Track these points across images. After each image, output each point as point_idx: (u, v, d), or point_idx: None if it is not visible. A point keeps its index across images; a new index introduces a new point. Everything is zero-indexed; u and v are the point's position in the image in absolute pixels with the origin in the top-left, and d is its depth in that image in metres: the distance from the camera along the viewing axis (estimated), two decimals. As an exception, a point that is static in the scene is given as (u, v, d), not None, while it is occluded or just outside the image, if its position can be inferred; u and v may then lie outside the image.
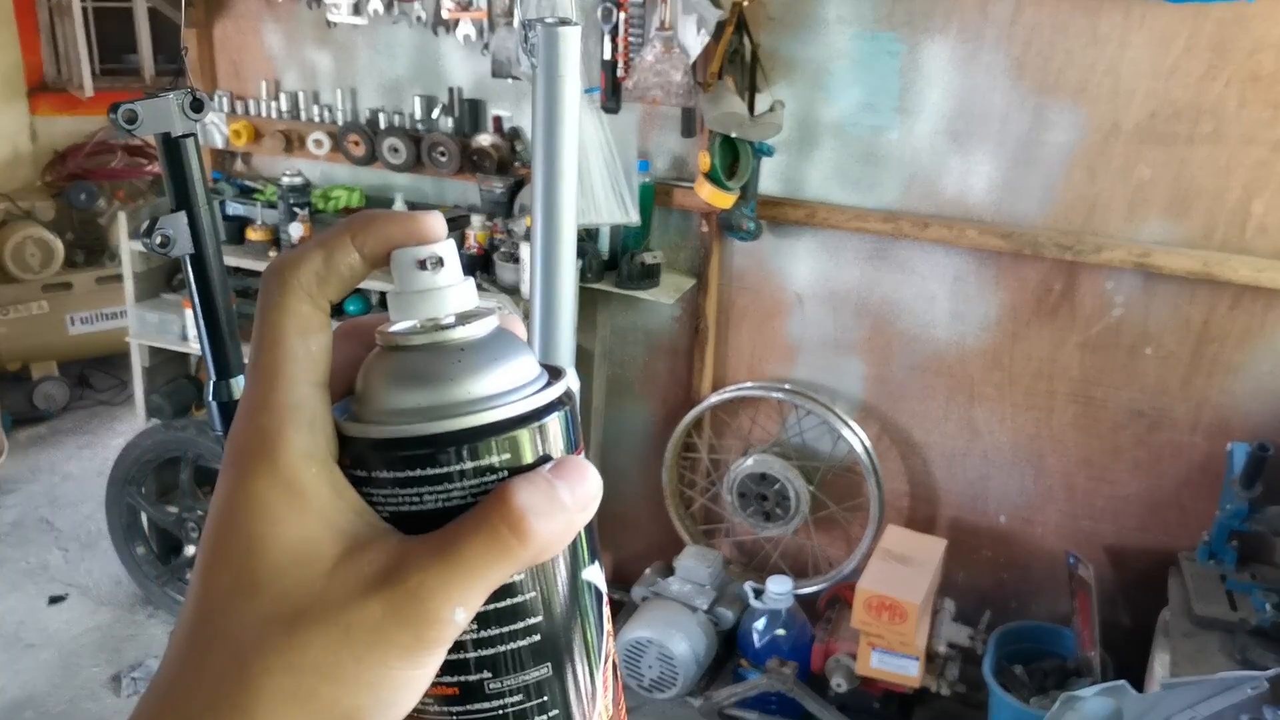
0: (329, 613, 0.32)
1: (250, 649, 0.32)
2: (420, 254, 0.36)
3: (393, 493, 0.35)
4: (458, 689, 0.35)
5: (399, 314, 0.36)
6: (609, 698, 0.39)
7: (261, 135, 3.31)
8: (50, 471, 4.14)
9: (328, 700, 0.32)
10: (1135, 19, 2.41)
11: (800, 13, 2.69)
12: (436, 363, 0.35)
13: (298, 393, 0.34)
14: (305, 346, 0.34)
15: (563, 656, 0.36)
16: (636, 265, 2.84)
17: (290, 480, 0.33)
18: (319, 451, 0.34)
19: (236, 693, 0.32)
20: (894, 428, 2.96)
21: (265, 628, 0.32)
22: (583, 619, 0.37)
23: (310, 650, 0.32)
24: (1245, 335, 2.52)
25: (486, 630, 0.35)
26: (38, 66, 4.93)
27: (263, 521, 0.33)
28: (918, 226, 2.70)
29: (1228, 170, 2.42)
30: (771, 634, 2.81)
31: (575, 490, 0.34)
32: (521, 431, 0.35)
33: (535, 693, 0.36)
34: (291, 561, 0.33)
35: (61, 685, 3.00)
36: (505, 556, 0.33)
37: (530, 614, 0.35)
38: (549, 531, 0.33)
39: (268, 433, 0.33)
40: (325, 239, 0.35)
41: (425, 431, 0.34)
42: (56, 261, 4.46)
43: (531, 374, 0.37)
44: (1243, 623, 2.27)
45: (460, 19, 2.89)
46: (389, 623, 0.32)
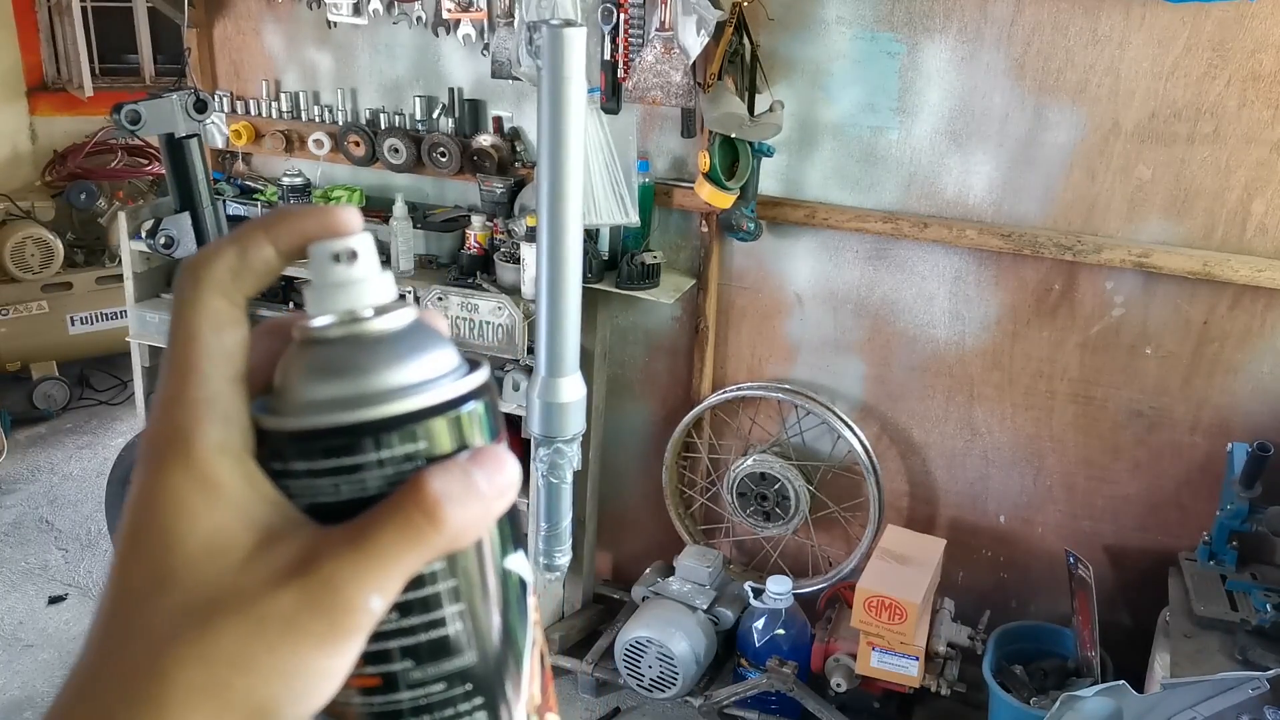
0: (242, 604, 0.32)
1: (163, 641, 0.32)
2: (335, 247, 0.36)
3: (309, 484, 0.35)
4: (380, 679, 0.35)
5: (316, 307, 0.36)
6: (536, 685, 0.39)
7: (262, 135, 3.31)
8: (50, 471, 4.14)
9: (241, 691, 0.31)
10: (1135, 19, 2.41)
11: (800, 13, 2.70)
12: (351, 354, 0.35)
13: (211, 387, 0.34)
14: (219, 342, 0.34)
15: (487, 644, 0.36)
16: (636, 265, 2.84)
17: (204, 474, 0.33)
18: (233, 445, 0.34)
19: (150, 685, 0.31)
20: (894, 428, 2.96)
21: (178, 620, 0.32)
22: (506, 606, 0.37)
23: (223, 641, 0.31)
24: (1245, 335, 2.52)
25: (408, 619, 0.35)
26: (37, 66, 4.92)
27: (177, 515, 0.33)
28: (917, 227, 2.70)
29: (1228, 170, 2.43)
30: (771, 634, 2.81)
31: (492, 477, 0.35)
32: (437, 420, 0.35)
33: (459, 680, 0.36)
34: (205, 554, 0.33)
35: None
36: (420, 543, 0.33)
37: (452, 601, 0.35)
38: (464, 518, 0.33)
39: (181, 427, 0.33)
40: (239, 235, 0.36)
41: (339, 421, 0.34)
42: (56, 261, 4.46)
43: (449, 365, 0.37)
44: (1243, 623, 2.27)
45: (460, 19, 2.89)
46: (303, 612, 0.32)
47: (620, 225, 2.84)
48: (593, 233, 2.89)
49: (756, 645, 2.83)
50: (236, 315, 0.35)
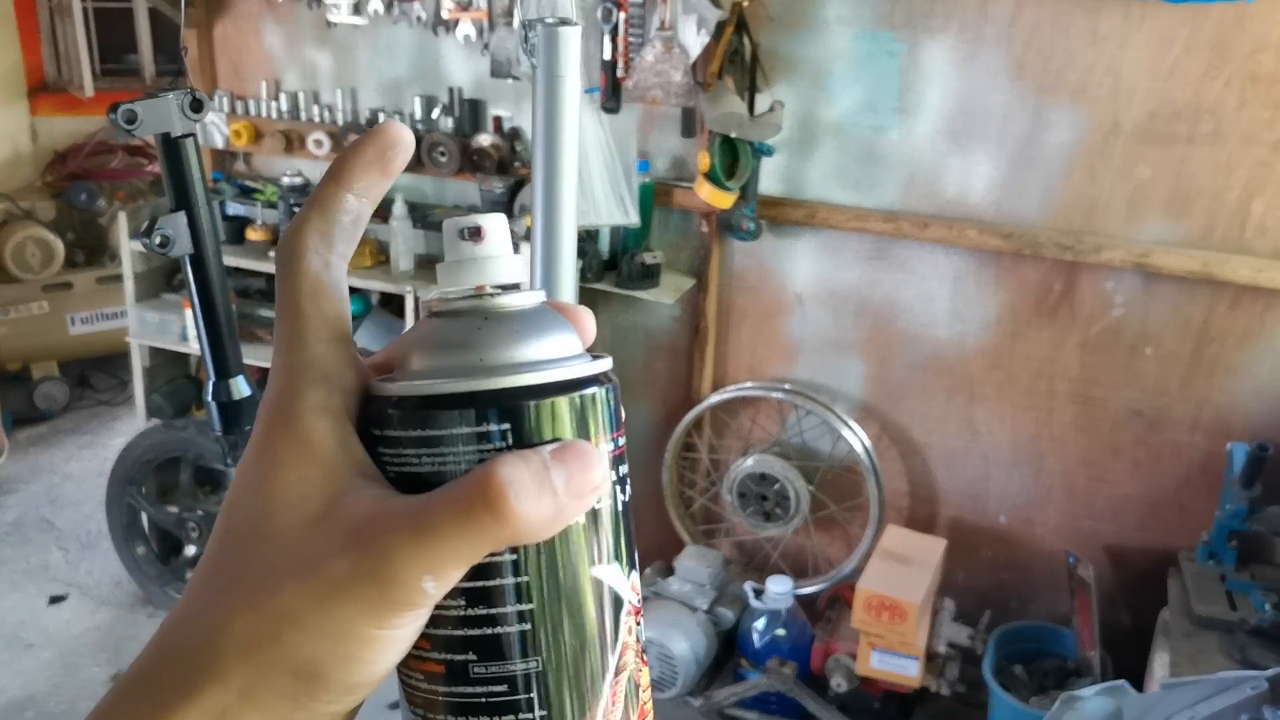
0: (306, 560, 0.33)
1: (234, 588, 0.33)
2: (462, 224, 0.37)
3: (397, 452, 0.34)
4: (443, 667, 0.34)
5: (444, 282, 0.37)
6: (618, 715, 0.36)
7: (262, 135, 3.31)
8: (50, 471, 4.14)
9: (289, 645, 0.32)
10: (1135, 19, 2.41)
11: (800, 13, 2.69)
12: (458, 327, 0.35)
13: (311, 352, 0.35)
14: (317, 309, 0.36)
15: (558, 654, 0.34)
16: (636, 265, 2.84)
17: (300, 433, 0.34)
18: (332, 406, 0.35)
19: (212, 627, 0.33)
20: (894, 428, 2.96)
21: (252, 569, 0.33)
22: (585, 620, 0.35)
23: (282, 595, 0.32)
24: (1245, 335, 2.52)
25: (474, 609, 0.33)
26: (38, 67, 4.93)
27: (271, 468, 0.34)
28: (918, 226, 2.70)
29: (1228, 170, 2.42)
30: (771, 634, 2.81)
31: (572, 477, 0.33)
32: (527, 404, 0.34)
33: (522, 686, 0.34)
34: (282, 511, 0.34)
35: (62, 685, 3.00)
36: (477, 533, 0.32)
37: (518, 600, 0.34)
38: (533, 513, 0.32)
39: (285, 390, 0.35)
40: (316, 195, 0.37)
41: (430, 391, 0.34)
42: (57, 261, 4.46)
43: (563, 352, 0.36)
44: (1242, 622, 2.26)
45: (460, 19, 2.89)
46: (355, 577, 0.32)
47: (620, 225, 2.84)
48: (593, 233, 2.89)
49: (756, 645, 2.83)
50: (332, 278, 0.36)
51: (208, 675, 0.32)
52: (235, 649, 0.32)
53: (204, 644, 0.33)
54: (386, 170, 0.37)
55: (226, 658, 0.32)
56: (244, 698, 0.32)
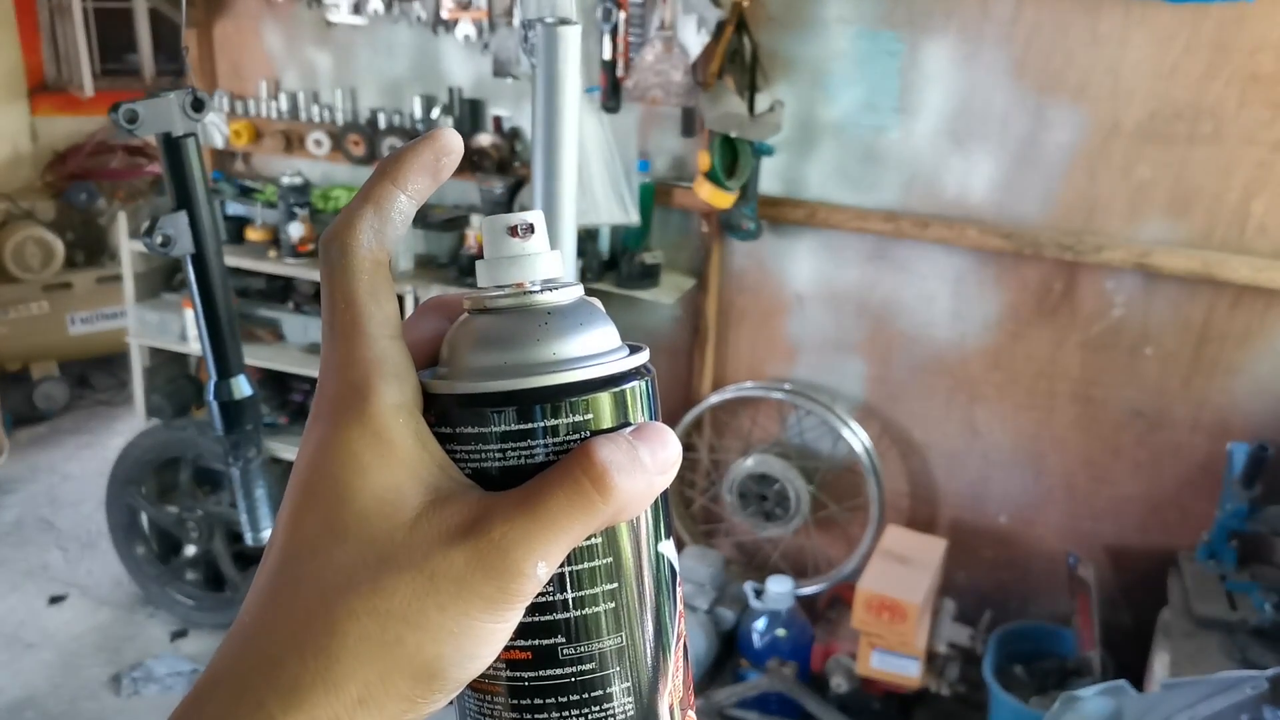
0: (414, 561, 0.32)
1: (336, 592, 0.32)
2: (511, 220, 0.38)
3: (476, 449, 0.35)
4: (531, 653, 0.35)
5: (488, 278, 0.38)
6: (680, 679, 0.38)
7: (261, 135, 3.31)
8: (50, 471, 4.14)
9: (411, 647, 0.32)
10: (1135, 19, 2.41)
11: (800, 12, 2.69)
12: (523, 324, 0.36)
13: (379, 347, 0.35)
14: (377, 304, 0.35)
15: (637, 627, 0.36)
16: (636, 265, 2.84)
17: (379, 431, 0.34)
18: (406, 403, 0.35)
19: (321, 634, 0.32)
20: (894, 428, 2.96)
21: (351, 572, 0.33)
22: (658, 592, 0.37)
23: (396, 596, 0.32)
24: (1245, 335, 2.52)
25: (563, 593, 0.35)
26: (38, 67, 4.92)
27: (352, 469, 0.34)
28: (918, 226, 2.70)
29: (1228, 170, 2.42)
30: (772, 634, 2.81)
31: (656, 452, 0.35)
32: (603, 394, 0.36)
33: (609, 662, 0.36)
34: (378, 509, 0.33)
35: (62, 685, 3.00)
36: (588, 511, 0.33)
37: (607, 579, 0.36)
38: (630, 489, 0.34)
39: (357, 386, 0.34)
40: (369, 192, 0.36)
41: (511, 388, 0.35)
42: (57, 261, 4.46)
43: (614, 343, 0.38)
44: (1243, 622, 2.27)
45: (460, 19, 2.89)
46: (473, 573, 0.32)
47: (620, 225, 2.84)
48: (593, 232, 2.89)
49: (757, 646, 2.83)
50: (387, 274, 0.36)
51: (317, 682, 0.32)
52: (352, 655, 0.32)
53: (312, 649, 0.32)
54: (438, 175, 0.37)
55: (342, 663, 0.32)
56: (359, 704, 0.32)
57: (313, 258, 3.09)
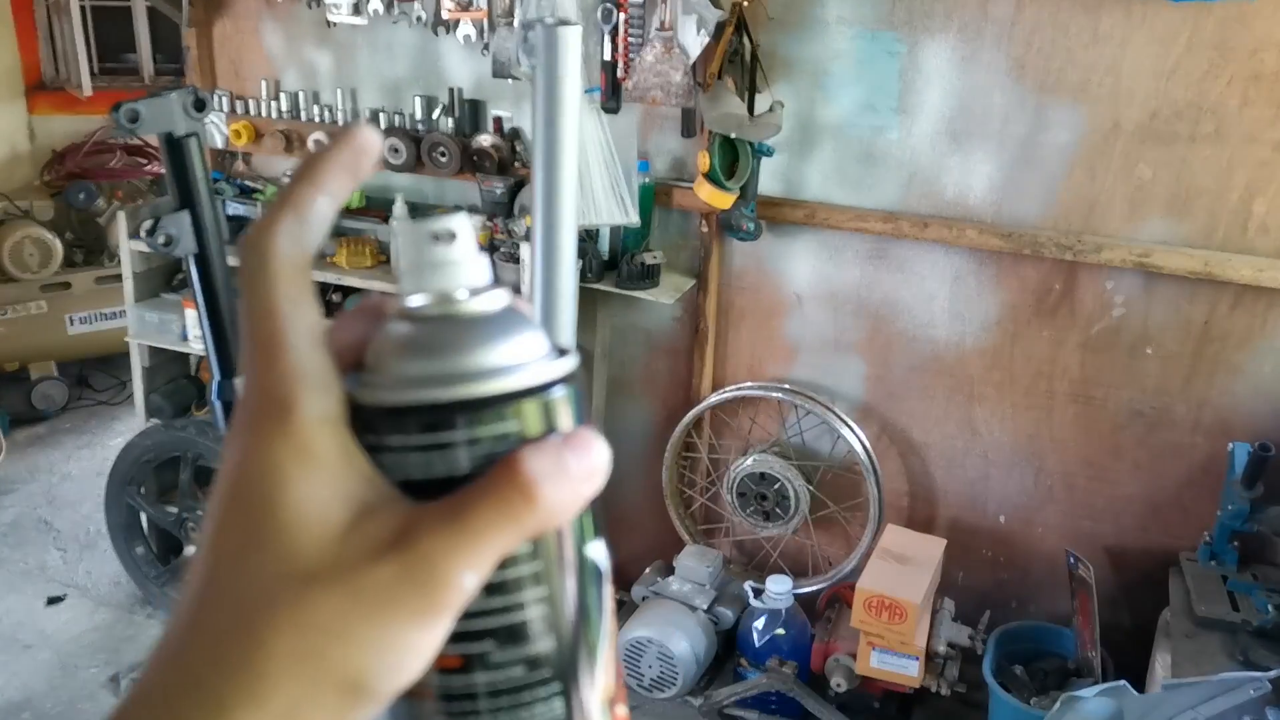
0: (340, 574, 0.32)
1: (258, 607, 0.32)
2: (434, 227, 0.37)
3: (402, 459, 0.35)
4: (461, 659, 0.35)
5: (411, 286, 0.37)
6: (610, 675, 0.39)
7: (261, 135, 3.31)
8: (49, 471, 4.14)
9: (336, 660, 0.32)
10: (1136, 18, 2.40)
11: (800, 13, 2.69)
12: (449, 332, 0.36)
13: (301, 358, 0.34)
14: (298, 312, 0.34)
15: (566, 631, 0.36)
16: (636, 265, 2.83)
17: (302, 443, 0.33)
18: (330, 415, 0.34)
19: (244, 650, 0.32)
20: (894, 428, 2.96)
21: (274, 586, 0.32)
22: (585, 593, 0.37)
23: (320, 610, 0.32)
24: (1246, 335, 2.52)
25: (492, 600, 0.35)
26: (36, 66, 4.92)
27: (275, 483, 0.33)
28: (918, 226, 2.70)
29: (1229, 170, 2.42)
30: (771, 633, 2.81)
31: (583, 459, 0.35)
32: (530, 402, 0.36)
33: (538, 665, 0.36)
34: (302, 523, 0.33)
35: (60, 686, 2.99)
36: (514, 522, 0.33)
37: (535, 585, 0.36)
38: (557, 498, 0.34)
39: (279, 397, 0.33)
40: (287, 196, 0.35)
41: (438, 398, 0.35)
42: (55, 261, 4.46)
43: (540, 350, 0.37)
44: (1244, 623, 2.26)
45: (460, 19, 2.89)
46: (400, 586, 0.32)
47: (620, 225, 2.83)
48: (593, 233, 2.89)
49: (756, 645, 2.83)
50: (307, 280, 0.35)
51: (242, 697, 0.31)
52: (277, 669, 0.31)
53: (236, 665, 0.32)
54: (357, 174, 0.36)
55: (267, 678, 0.31)
56: (286, 718, 0.32)
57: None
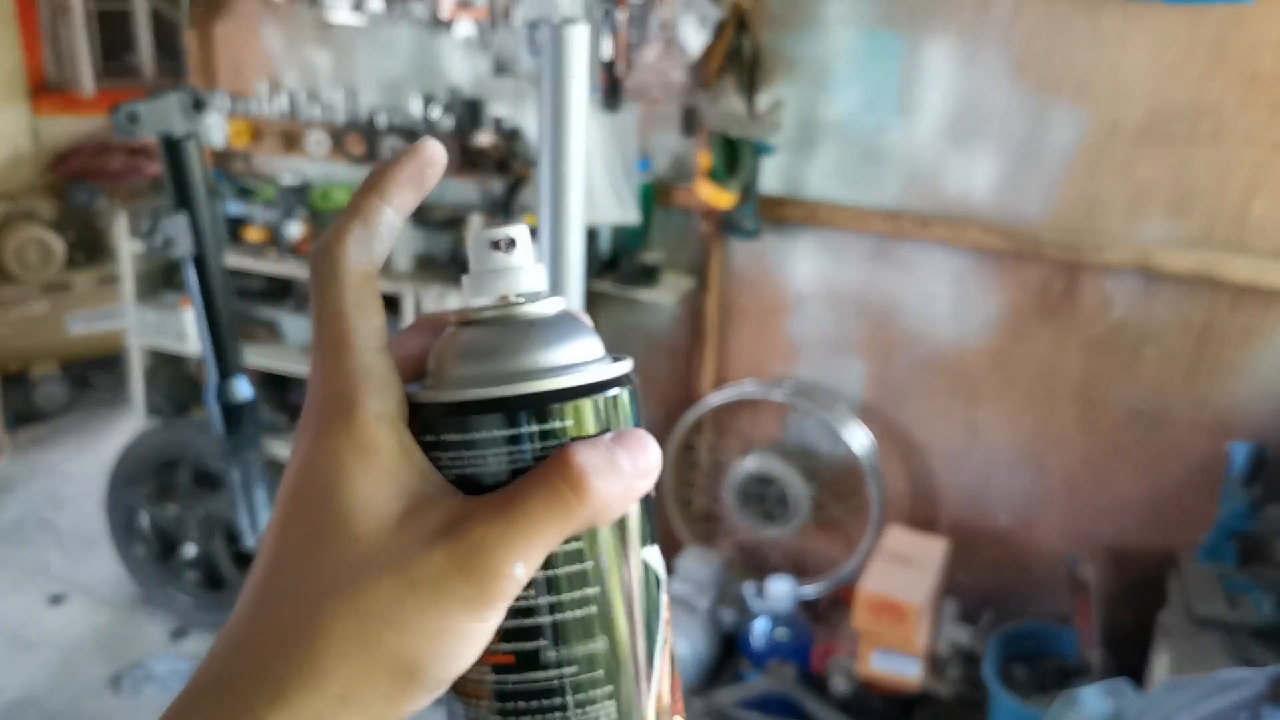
0: (395, 563, 0.33)
1: (319, 595, 0.33)
2: (494, 235, 0.39)
3: (459, 455, 0.36)
4: (514, 656, 0.36)
5: (473, 293, 0.39)
6: (666, 685, 0.38)
7: (261, 135, 3.31)
8: (50, 471, 4.14)
9: (391, 648, 0.33)
10: (1135, 19, 2.41)
11: (801, 12, 2.69)
12: (506, 334, 0.37)
13: (365, 359, 0.36)
14: (364, 317, 0.36)
15: (619, 632, 0.37)
16: (636, 265, 2.83)
17: (363, 439, 0.35)
18: (390, 413, 0.36)
19: (304, 637, 0.33)
20: (895, 428, 2.96)
21: (334, 575, 0.34)
22: (640, 597, 0.37)
23: (377, 599, 0.33)
24: (1246, 335, 2.52)
25: (545, 596, 0.36)
26: (38, 67, 4.92)
27: (336, 476, 0.35)
28: (919, 226, 2.70)
29: (1228, 170, 2.42)
30: (772, 635, 2.81)
31: (635, 457, 0.36)
32: (584, 400, 0.37)
33: (590, 665, 0.36)
34: (361, 514, 0.34)
35: (61, 685, 2.99)
36: (565, 514, 0.34)
37: (588, 584, 0.36)
38: (608, 493, 0.35)
39: (343, 397, 0.35)
40: (356, 207, 0.37)
41: (492, 395, 0.36)
42: (57, 261, 4.46)
43: (595, 353, 0.39)
44: (1243, 623, 2.26)
45: (460, 18, 2.89)
46: (452, 575, 0.33)
47: (620, 224, 2.84)
48: (593, 232, 2.89)
49: (757, 646, 2.83)
50: (374, 288, 0.37)
51: (300, 682, 0.32)
52: (334, 654, 0.33)
53: (295, 651, 0.33)
54: (422, 187, 0.38)
55: (324, 663, 0.33)
56: (341, 702, 0.33)
57: (313, 258, 3.09)
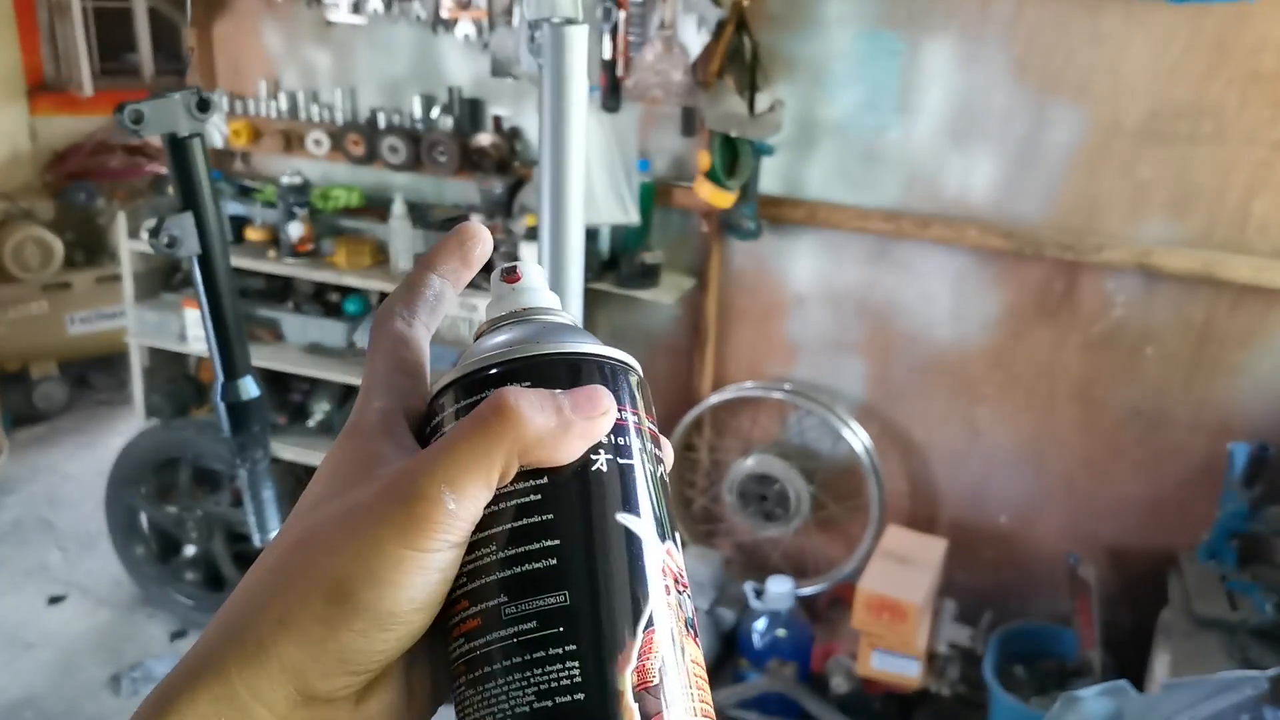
0: (340, 499, 0.37)
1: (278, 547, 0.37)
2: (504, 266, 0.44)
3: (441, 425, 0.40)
4: (479, 619, 0.36)
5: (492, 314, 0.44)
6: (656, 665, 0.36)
7: (261, 135, 3.31)
8: (50, 471, 4.13)
9: (324, 568, 0.35)
10: (1136, 18, 2.41)
11: (801, 12, 2.69)
12: (512, 330, 0.41)
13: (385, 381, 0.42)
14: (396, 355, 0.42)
15: (582, 590, 0.36)
16: (636, 265, 2.83)
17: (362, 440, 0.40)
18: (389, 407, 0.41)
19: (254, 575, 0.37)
20: (894, 428, 2.96)
21: (291, 524, 0.38)
22: (611, 559, 0.36)
23: (318, 530, 0.36)
24: (1246, 335, 2.52)
25: (502, 551, 0.36)
26: (37, 66, 4.91)
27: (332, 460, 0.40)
28: (918, 226, 2.70)
29: (1228, 170, 2.43)
30: (772, 634, 2.81)
31: (579, 402, 0.37)
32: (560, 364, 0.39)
33: (550, 621, 0.35)
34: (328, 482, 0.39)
35: (61, 685, 2.99)
36: (488, 437, 0.36)
37: (545, 536, 0.36)
38: (538, 423, 0.36)
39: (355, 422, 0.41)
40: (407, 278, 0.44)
41: (474, 366, 0.39)
42: (56, 261, 4.46)
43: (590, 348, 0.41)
44: (1243, 623, 2.27)
45: (460, 18, 2.89)
46: (382, 500, 0.35)
47: (620, 224, 2.84)
48: (593, 232, 2.89)
49: (757, 646, 2.82)
50: (413, 335, 0.43)
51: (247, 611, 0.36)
52: (275, 583, 0.36)
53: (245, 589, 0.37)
54: (466, 259, 0.44)
55: (267, 590, 0.36)
56: (280, 624, 0.35)
57: (312, 257, 3.11)
